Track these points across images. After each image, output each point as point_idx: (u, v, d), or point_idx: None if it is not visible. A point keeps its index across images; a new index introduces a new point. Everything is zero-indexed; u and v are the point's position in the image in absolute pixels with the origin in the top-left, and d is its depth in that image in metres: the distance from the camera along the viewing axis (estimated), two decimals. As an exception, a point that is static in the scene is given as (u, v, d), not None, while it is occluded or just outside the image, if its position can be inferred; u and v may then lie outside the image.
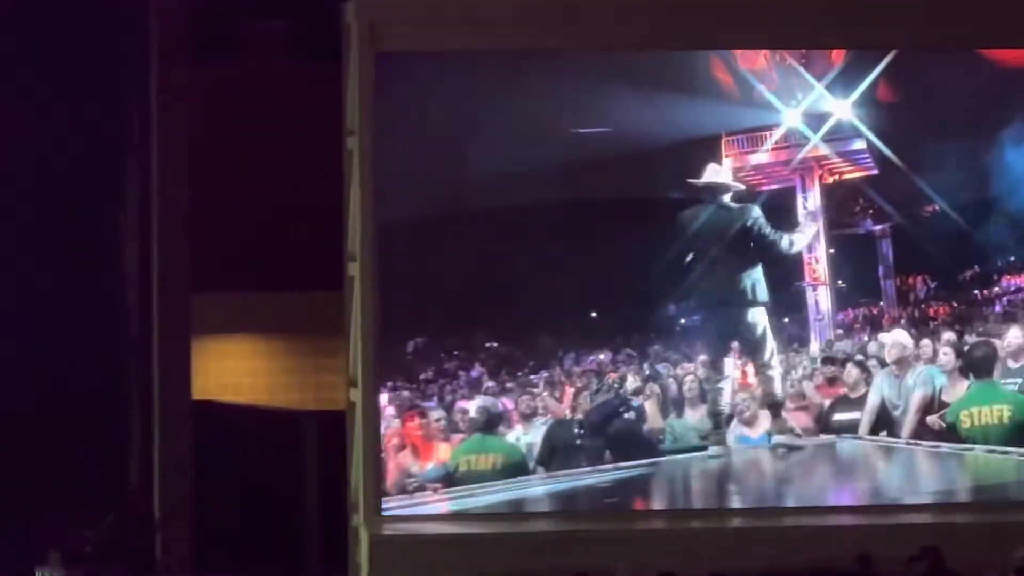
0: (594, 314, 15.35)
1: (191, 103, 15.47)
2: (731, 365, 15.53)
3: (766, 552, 13.79)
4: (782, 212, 15.72)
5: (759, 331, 15.56)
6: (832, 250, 15.69)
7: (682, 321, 15.60)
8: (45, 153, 15.11)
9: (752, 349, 15.61)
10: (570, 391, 15.32)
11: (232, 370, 17.34)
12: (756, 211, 15.63)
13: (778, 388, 15.54)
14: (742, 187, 15.61)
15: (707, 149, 15.41)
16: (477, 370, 15.28)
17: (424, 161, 14.69)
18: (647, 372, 15.46)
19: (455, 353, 15.27)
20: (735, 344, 15.60)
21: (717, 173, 15.64)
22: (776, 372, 15.56)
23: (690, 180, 15.42)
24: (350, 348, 14.80)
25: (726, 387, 15.41)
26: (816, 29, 14.88)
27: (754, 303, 15.57)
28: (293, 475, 16.04)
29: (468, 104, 14.83)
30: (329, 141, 14.77)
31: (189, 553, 15.86)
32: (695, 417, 15.28)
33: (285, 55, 15.85)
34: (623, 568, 13.16)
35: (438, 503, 14.93)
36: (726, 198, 15.63)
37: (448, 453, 14.86)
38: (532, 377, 15.43)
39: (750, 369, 15.55)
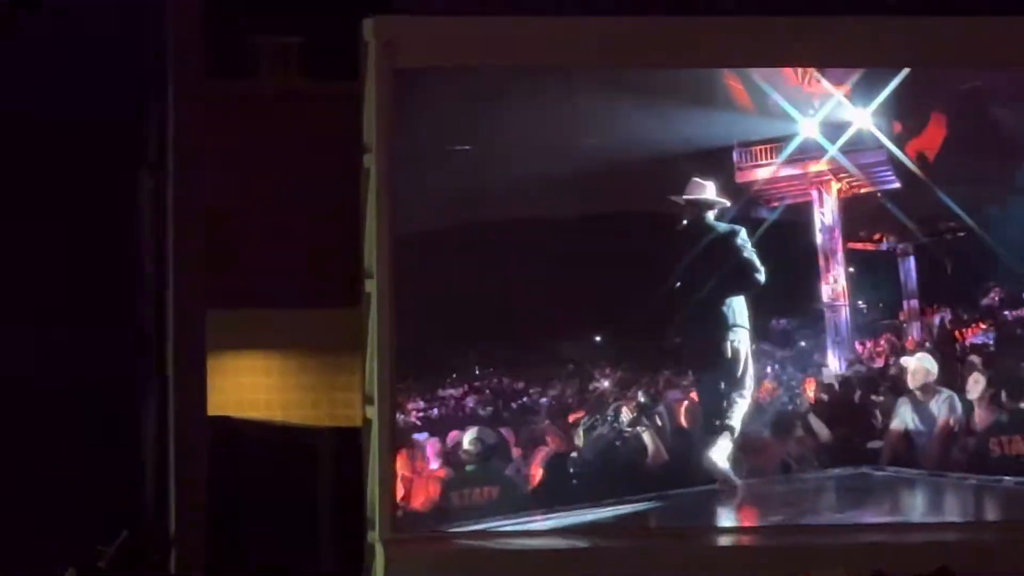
0: (598, 338, 15.10)
1: (207, 120, 15.46)
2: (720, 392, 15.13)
3: (781, 569, 13.78)
4: (798, 227, 15.43)
5: (740, 357, 15.23)
6: (851, 268, 15.38)
7: (672, 346, 15.26)
8: (60, 168, 15.24)
9: (729, 377, 15.30)
10: (571, 420, 15.07)
11: (248, 386, 17.22)
12: (743, 233, 15.28)
13: (737, 419, 15.13)
14: (727, 203, 15.23)
15: (718, 161, 15.17)
16: (474, 398, 15.12)
17: (441, 178, 14.70)
18: (642, 400, 15.17)
19: (452, 378, 15.10)
20: (717, 371, 15.22)
21: (702, 189, 15.29)
22: (745, 402, 15.19)
23: (672, 197, 15.12)
24: (366, 365, 14.83)
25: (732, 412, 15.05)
26: (830, 47, 14.82)
27: (735, 326, 15.21)
28: (309, 491, 15.94)
29: (484, 120, 14.78)
30: (344, 158, 14.76)
31: (203, 569, 15.74)
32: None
33: (302, 71, 15.73)
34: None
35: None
36: (710, 215, 15.31)
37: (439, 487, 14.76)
38: (533, 405, 15.19)
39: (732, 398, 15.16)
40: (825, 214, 15.32)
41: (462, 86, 14.70)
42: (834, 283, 15.37)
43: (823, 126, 15.20)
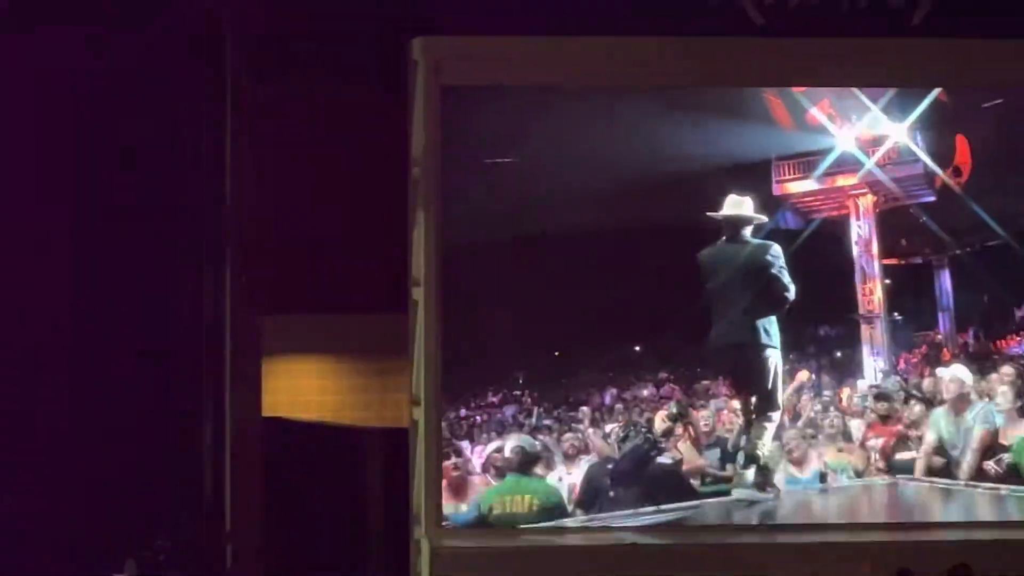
0: (636, 348, 15.42)
1: (263, 131, 15.96)
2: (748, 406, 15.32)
3: (805, 567, 14.17)
4: (835, 240, 15.62)
5: (770, 375, 15.36)
6: (888, 281, 15.62)
7: (706, 359, 15.53)
8: (123, 179, 15.80)
9: (761, 392, 15.41)
10: (609, 429, 15.36)
11: (301, 388, 17.68)
12: (776, 249, 15.42)
13: (766, 436, 15.32)
14: (764, 219, 15.43)
15: (757, 174, 15.41)
16: (514, 407, 15.47)
17: (485, 190, 15.18)
18: (675, 411, 15.40)
19: (495, 386, 15.50)
20: (749, 387, 15.34)
21: (738, 205, 15.48)
22: (776, 416, 15.35)
23: (709, 214, 15.33)
24: (413, 369, 15.35)
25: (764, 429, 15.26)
26: (867, 69, 15.19)
27: (768, 345, 15.35)
28: (359, 489, 16.51)
29: (529, 134, 15.25)
30: (394, 167, 15.29)
31: (258, 562, 16.22)
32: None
33: (356, 84, 16.15)
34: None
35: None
36: (747, 232, 15.51)
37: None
38: (575, 413, 15.49)
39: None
40: (861, 227, 15.61)
41: (506, 102, 15.16)
42: (871, 294, 15.65)
43: (860, 140, 15.56)
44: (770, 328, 15.28)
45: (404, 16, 14.98)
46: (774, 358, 15.27)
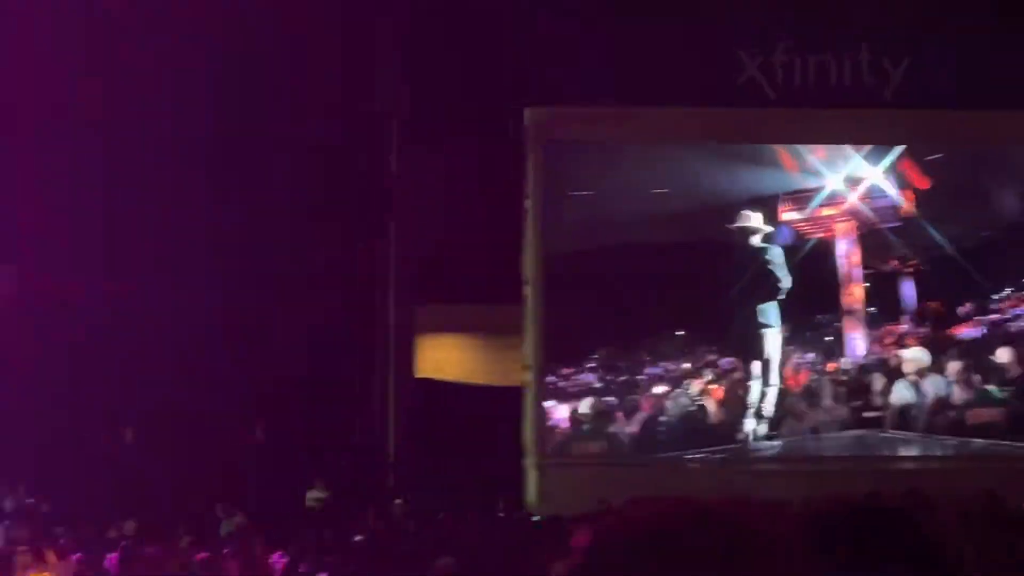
0: (680, 332, 19.81)
1: (421, 173, 20.99)
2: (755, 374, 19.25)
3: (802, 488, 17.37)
4: (827, 256, 19.92)
5: (768, 349, 19.27)
6: (867, 284, 19.95)
7: (728, 339, 19.51)
8: (321, 203, 20.94)
9: (762, 364, 19.26)
10: (658, 391, 19.62)
11: (445, 359, 22.02)
12: (776, 251, 19.44)
13: (769, 399, 19.27)
14: (770, 229, 19.44)
15: (767, 205, 19.75)
16: (593, 375, 19.79)
17: (576, 215, 20.02)
18: (708, 378, 19.46)
19: (580, 360, 19.77)
20: (753, 359, 19.25)
21: (748, 218, 19.46)
22: (775, 381, 19.30)
23: (727, 225, 19.45)
24: (525, 344, 20.24)
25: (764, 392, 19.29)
26: (851, 130, 19.92)
27: (766, 325, 19.32)
28: (485, 429, 20.62)
29: (605, 173, 20.06)
30: (512, 198, 20.16)
31: (412, 486, 20.51)
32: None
33: (489, 140, 20.79)
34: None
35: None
36: (756, 239, 19.48)
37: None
38: (635, 379, 19.73)
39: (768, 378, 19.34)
40: (844, 244, 20.03)
41: (589, 150, 20.08)
42: (853, 294, 19.96)
43: (846, 180, 20.05)
44: (769, 312, 19.50)
45: (520, 92, 20.03)
46: (772, 336, 19.52)
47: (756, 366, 19.70)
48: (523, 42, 20.02)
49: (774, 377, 19.70)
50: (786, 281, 19.55)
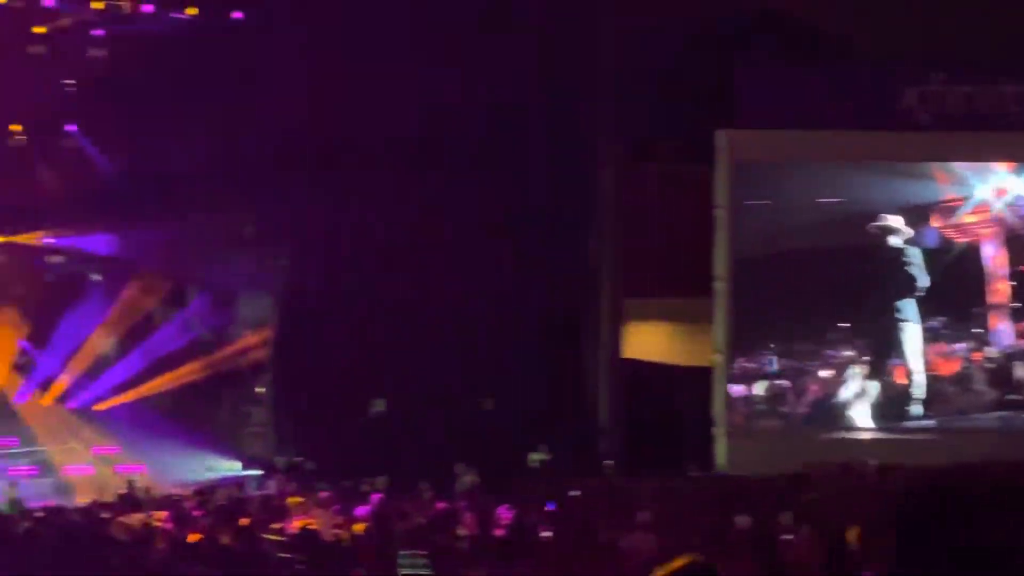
0: (844, 325, 22.42)
1: (631, 186, 24.09)
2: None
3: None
4: (975, 258, 22.24)
5: (908, 340, 21.80)
6: (1012, 283, 22.44)
7: (880, 330, 21.94)
8: (543, 210, 24.12)
9: (904, 353, 21.74)
10: (824, 375, 22.29)
11: (647, 343, 24.67)
12: (915, 252, 21.76)
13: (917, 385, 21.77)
14: (909, 231, 21.70)
15: (920, 212, 22.22)
16: (772, 360, 22.50)
17: (758, 222, 23.00)
18: (867, 364, 21.91)
19: (758, 348, 22.42)
20: (897, 350, 21.71)
21: (887, 219, 21.75)
22: (920, 368, 21.76)
23: (869, 225, 21.84)
24: (715, 332, 23.27)
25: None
26: (995, 149, 22.61)
27: (906, 320, 21.87)
28: (685, 404, 23.53)
29: (782, 187, 23.04)
30: (705, 208, 23.12)
31: (622, 451, 23.59)
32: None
33: (689, 159, 23.91)
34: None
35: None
36: (896, 239, 21.74)
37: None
38: (806, 364, 22.35)
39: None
40: (991, 247, 22.52)
41: (768, 168, 23.05)
42: (998, 291, 22.35)
43: (992, 191, 22.54)
44: (907, 309, 21.95)
45: (715, 118, 23.08)
46: (910, 330, 21.99)
47: (902, 356, 22.14)
48: (718, 75, 22.88)
49: (918, 365, 22.16)
50: (923, 280, 21.98)
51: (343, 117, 23.45)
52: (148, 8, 24.73)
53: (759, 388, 23.00)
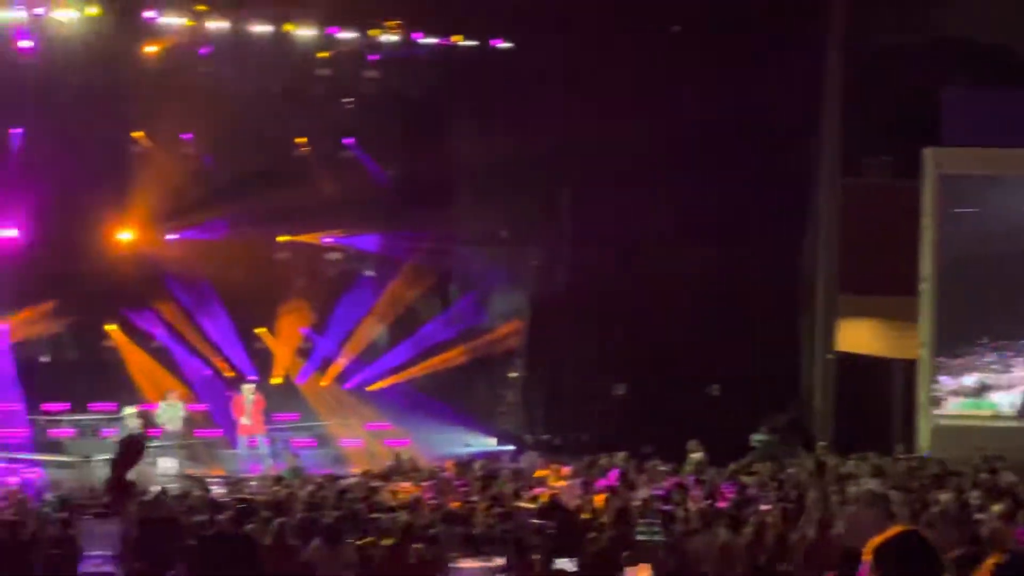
0: None
1: (846, 195, 26.56)
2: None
3: None
4: None
5: None
6: None
7: None
8: (773, 219, 26.52)
9: None
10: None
11: (858, 337, 26.79)
12: None
13: None
14: None
15: None
16: (974, 352, 24.99)
17: (960, 230, 25.50)
18: None
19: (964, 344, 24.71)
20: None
21: None
22: None
23: None
24: (920, 327, 25.69)
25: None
26: None
27: None
28: (891, 391, 26.08)
29: (983, 197, 25.42)
30: (911, 218, 25.63)
31: (832, 429, 25.90)
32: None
33: (889, 174, 26.60)
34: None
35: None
36: None
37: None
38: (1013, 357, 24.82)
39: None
40: None
41: (970, 180, 25.51)
42: None
43: None
44: None
45: (921, 138, 25.65)
46: None
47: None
48: (923, 99, 25.26)
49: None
50: None
51: (597, 141, 25.72)
52: (417, 35, 27.27)
53: (967, 380, 25.36)
